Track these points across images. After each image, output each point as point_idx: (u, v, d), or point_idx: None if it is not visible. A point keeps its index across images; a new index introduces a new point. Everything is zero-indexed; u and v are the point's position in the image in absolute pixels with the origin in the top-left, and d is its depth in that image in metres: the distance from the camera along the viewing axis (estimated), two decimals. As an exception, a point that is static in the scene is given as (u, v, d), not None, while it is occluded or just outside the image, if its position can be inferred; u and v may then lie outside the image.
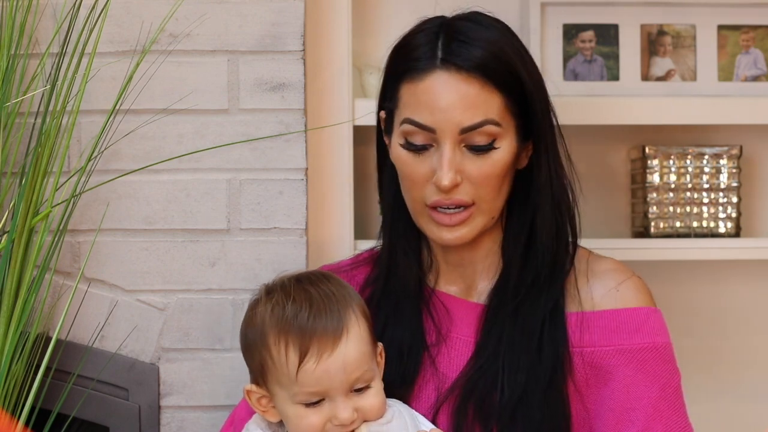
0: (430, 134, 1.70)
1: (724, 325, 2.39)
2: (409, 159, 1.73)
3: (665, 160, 2.30)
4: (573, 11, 2.33)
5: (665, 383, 1.71)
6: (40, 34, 1.94)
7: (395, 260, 1.80)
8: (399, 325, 1.77)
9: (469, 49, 1.71)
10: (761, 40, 2.36)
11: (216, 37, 1.97)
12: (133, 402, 1.96)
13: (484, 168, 1.71)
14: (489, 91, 1.71)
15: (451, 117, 1.69)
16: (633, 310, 1.73)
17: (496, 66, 1.71)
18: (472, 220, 1.73)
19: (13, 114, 1.86)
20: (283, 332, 1.61)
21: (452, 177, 1.69)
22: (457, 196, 1.71)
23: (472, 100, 1.70)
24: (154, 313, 1.97)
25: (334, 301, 1.63)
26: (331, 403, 1.61)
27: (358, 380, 1.61)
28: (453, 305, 1.79)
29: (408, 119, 1.72)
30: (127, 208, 1.96)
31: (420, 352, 1.75)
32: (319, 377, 1.59)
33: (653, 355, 1.71)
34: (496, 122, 1.71)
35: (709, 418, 2.35)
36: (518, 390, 1.69)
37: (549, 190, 1.76)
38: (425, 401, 1.74)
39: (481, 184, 1.71)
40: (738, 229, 2.31)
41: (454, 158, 1.70)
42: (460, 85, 1.70)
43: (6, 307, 1.83)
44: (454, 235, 1.73)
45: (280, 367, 1.61)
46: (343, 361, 1.60)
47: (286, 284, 1.66)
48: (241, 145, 1.96)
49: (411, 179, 1.73)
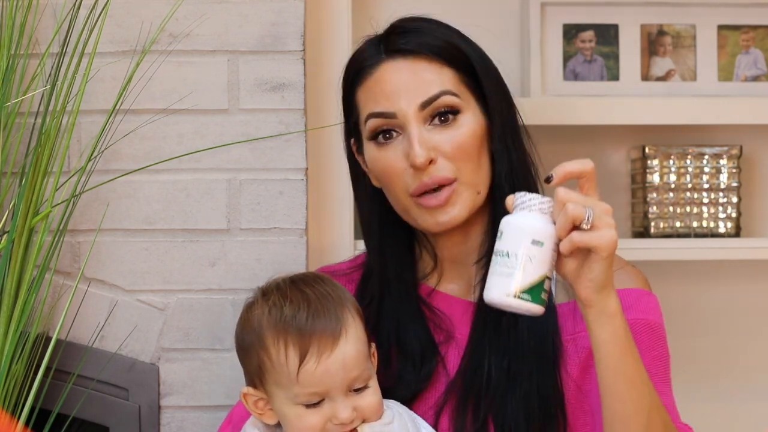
0: (393, 120, 1.72)
1: (724, 325, 2.39)
2: (381, 154, 1.74)
3: (665, 160, 2.30)
4: (573, 11, 2.33)
5: (657, 355, 1.71)
6: (40, 34, 1.94)
7: (387, 270, 1.79)
8: (409, 328, 1.77)
9: (408, 37, 1.74)
10: (761, 40, 2.36)
11: (216, 37, 1.97)
12: (133, 402, 1.96)
13: (455, 138, 1.71)
14: (438, 66, 1.73)
15: (407, 96, 1.71)
16: (627, 291, 1.73)
17: (438, 43, 1.74)
18: (458, 196, 1.71)
19: (13, 114, 1.86)
20: (281, 333, 1.61)
21: (424, 153, 1.69)
22: (437, 173, 1.70)
23: (423, 76, 1.72)
24: (154, 313, 1.97)
25: (331, 301, 1.64)
26: (330, 403, 1.61)
27: (357, 379, 1.62)
28: (451, 305, 1.79)
29: (369, 114, 1.73)
30: (127, 208, 1.96)
31: (434, 353, 1.76)
32: (320, 377, 1.60)
33: (645, 329, 1.72)
34: (452, 92, 1.72)
35: (710, 418, 2.35)
36: (505, 376, 1.70)
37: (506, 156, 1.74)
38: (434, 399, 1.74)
39: (457, 157, 1.71)
40: (738, 229, 2.31)
41: (422, 135, 1.70)
42: (409, 66, 1.73)
43: (6, 307, 1.83)
44: (448, 216, 1.72)
45: (280, 368, 1.61)
46: (342, 360, 1.60)
47: (282, 286, 1.66)
48: (241, 145, 1.96)
49: (388, 172, 1.73)
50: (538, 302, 1.49)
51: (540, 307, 1.50)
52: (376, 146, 1.75)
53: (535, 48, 2.30)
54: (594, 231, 1.48)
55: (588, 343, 1.70)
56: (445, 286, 1.82)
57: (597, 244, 1.48)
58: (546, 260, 1.49)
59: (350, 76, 1.78)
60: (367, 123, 1.74)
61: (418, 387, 1.74)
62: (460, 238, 1.78)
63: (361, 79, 1.76)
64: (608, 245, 1.48)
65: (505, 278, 1.49)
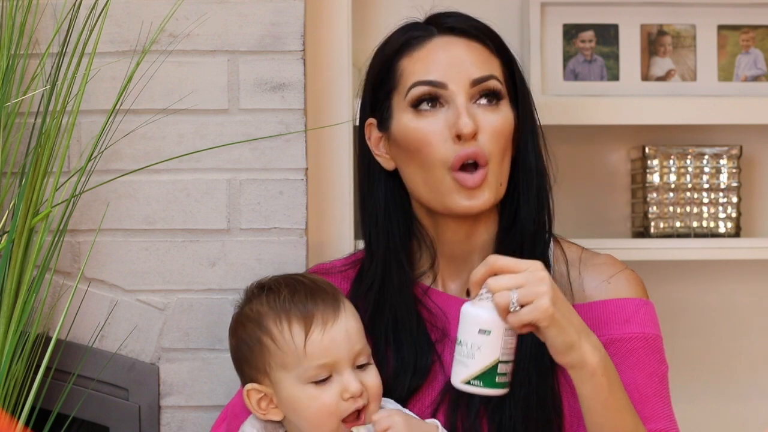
0: (442, 91, 1.73)
1: (724, 325, 2.39)
2: (421, 122, 1.74)
3: (665, 160, 2.30)
4: (573, 11, 2.33)
5: (652, 371, 1.72)
6: (40, 34, 1.94)
7: (390, 267, 1.79)
8: (404, 337, 1.77)
9: (460, 20, 1.78)
10: (761, 40, 2.36)
11: (216, 37, 1.97)
12: (133, 402, 1.96)
13: (497, 122, 1.73)
14: (489, 52, 1.77)
15: (461, 69, 1.73)
16: (624, 301, 1.74)
17: (491, 33, 1.78)
18: (488, 182, 1.73)
19: (13, 114, 1.86)
20: (283, 313, 1.65)
21: (472, 123, 1.71)
22: (478, 145, 1.72)
23: (479, 55, 1.75)
24: (154, 313, 1.97)
25: (325, 286, 1.69)
26: (338, 377, 1.63)
27: (361, 353, 1.65)
28: (449, 304, 1.79)
29: (418, 81, 1.74)
30: (127, 208, 1.96)
31: (431, 350, 1.76)
32: (327, 346, 1.63)
33: (642, 344, 1.73)
34: (499, 80, 1.75)
35: (710, 418, 2.35)
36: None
37: (526, 158, 1.78)
38: (430, 399, 1.74)
39: (494, 140, 1.73)
40: (738, 229, 2.31)
41: (470, 108, 1.72)
42: (464, 43, 1.76)
43: (6, 307, 1.83)
44: (480, 200, 1.73)
45: (286, 347, 1.63)
46: (346, 329, 1.64)
47: (272, 280, 1.71)
48: (241, 145, 1.96)
49: (427, 140, 1.73)
50: (492, 386, 1.57)
51: (496, 390, 1.57)
52: (415, 114, 1.74)
53: (535, 48, 2.30)
54: (524, 309, 1.54)
55: None
56: (443, 285, 1.82)
57: (530, 320, 1.54)
58: (496, 346, 1.57)
59: (395, 46, 1.78)
60: (411, 90, 1.74)
61: (413, 385, 1.74)
62: (464, 234, 1.78)
63: (409, 49, 1.76)
64: (541, 317, 1.54)
65: (460, 366, 1.58)
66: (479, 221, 1.77)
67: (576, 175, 2.32)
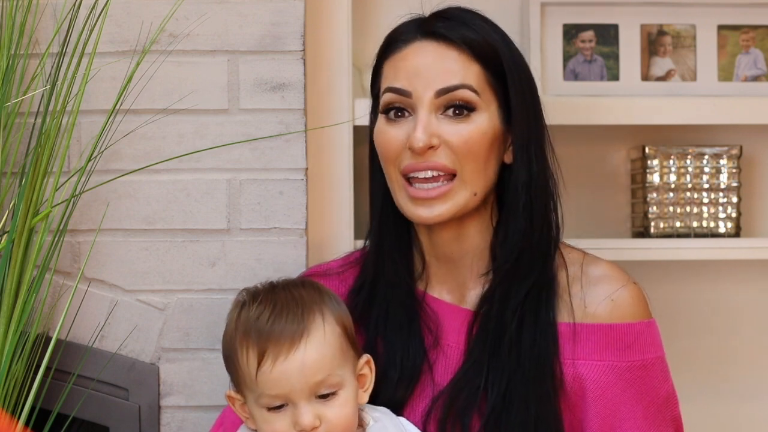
0: (407, 99, 1.71)
1: (724, 325, 2.39)
2: (387, 128, 1.73)
3: (665, 160, 2.30)
4: (573, 11, 2.33)
5: (649, 402, 1.70)
6: (40, 34, 1.94)
7: (383, 264, 1.78)
8: (396, 332, 1.75)
9: (447, 23, 1.73)
10: (761, 40, 2.36)
11: (216, 37, 1.97)
12: (133, 402, 1.96)
13: (463, 133, 1.69)
14: (466, 58, 1.71)
15: (426, 79, 1.70)
16: (626, 326, 1.71)
17: (474, 37, 1.72)
18: (453, 195, 1.70)
19: (13, 114, 1.86)
20: (245, 335, 1.62)
21: (425, 139, 1.68)
22: (434, 158, 1.69)
23: (449, 65, 1.70)
24: (154, 313, 1.97)
25: (300, 304, 1.62)
26: (293, 408, 1.59)
27: (321, 385, 1.60)
28: (443, 311, 1.77)
29: (387, 88, 1.73)
30: (127, 208, 1.96)
31: (420, 357, 1.74)
32: (277, 379, 1.59)
33: (643, 373, 1.70)
34: (473, 89, 1.70)
35: (709, 418, 2.35)
36: (502, 399, 1.68)
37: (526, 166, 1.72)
38: (421, 408, 1.73)
39: (462, 153, 1.69)
40: (738, 229, 2.31)
41: (429, 121, 1.69)
42: (438, 50, 1.71)
43: (6, 307, 1.83)
44: (432, 213, 1.70)
45: (244, 370, 1.62)
46: (301, 363, 1.58)
47: (259, 289, 1.67)
48: (241, 145, 1.96)
49: (387, 147, 1.72)
50: None
51: None
52: (385, 120, 1.74)
53: (535, 48, 2.30)
54: None
55: (584, 371, 1.69)
56: (437, 291, 1.79)
57: None
58: None
59: (382, 48, 1.77)
60: (383, 95, 1.74)
61: (403, 393, 1.72)
62: (452, 235, 1.76)
63: (391, 53, 1.75)
64: None
65: None
66: (465, 225, 1.74)
67: (576, 175, 2.32)
